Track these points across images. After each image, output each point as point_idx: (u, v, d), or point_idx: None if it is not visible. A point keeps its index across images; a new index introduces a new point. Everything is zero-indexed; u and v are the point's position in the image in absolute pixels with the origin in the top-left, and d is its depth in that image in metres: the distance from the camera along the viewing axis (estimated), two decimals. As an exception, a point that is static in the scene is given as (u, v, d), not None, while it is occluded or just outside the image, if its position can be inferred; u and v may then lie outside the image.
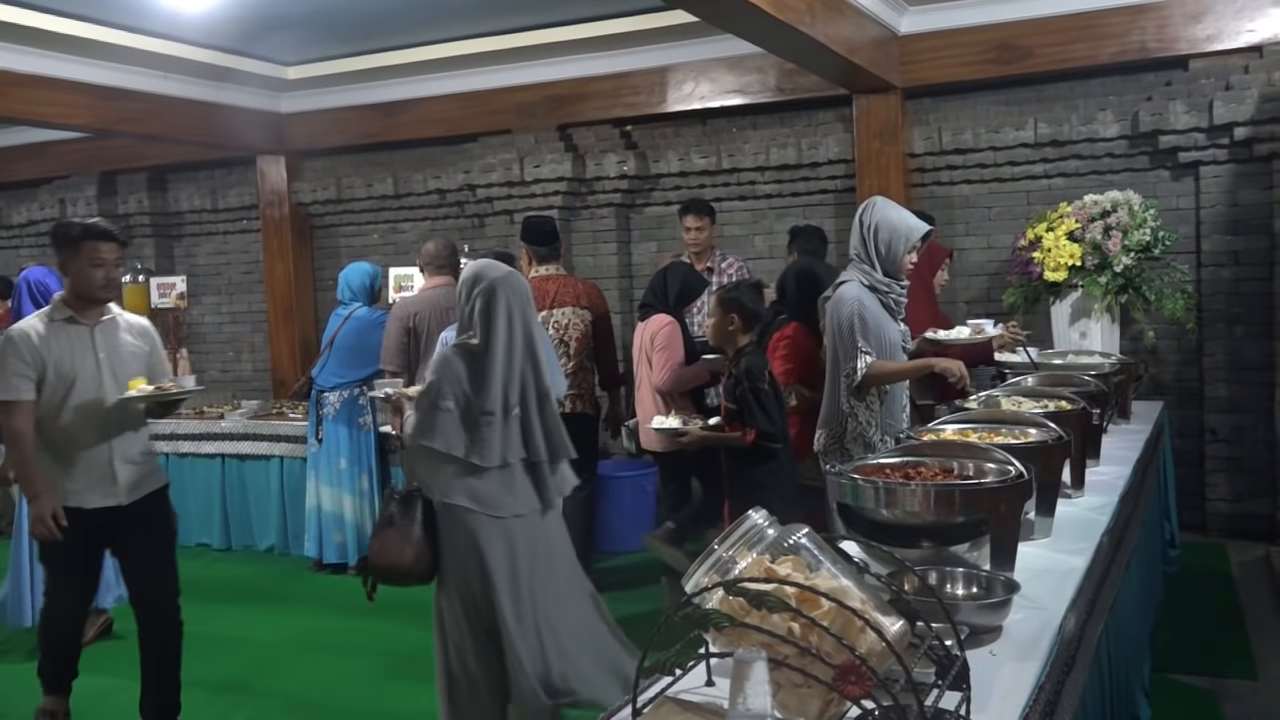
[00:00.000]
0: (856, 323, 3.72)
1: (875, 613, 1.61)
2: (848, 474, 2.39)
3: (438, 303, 5.55)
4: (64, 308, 3.75)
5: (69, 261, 3.68)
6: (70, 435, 3.69)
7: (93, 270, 3.67)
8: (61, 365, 3.66)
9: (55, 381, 3.65)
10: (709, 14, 4.75)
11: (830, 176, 6.80)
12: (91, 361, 3.73)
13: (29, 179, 9.33)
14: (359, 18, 6.16)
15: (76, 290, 3.72)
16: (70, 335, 3.71)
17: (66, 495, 3.68)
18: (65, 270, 3.71)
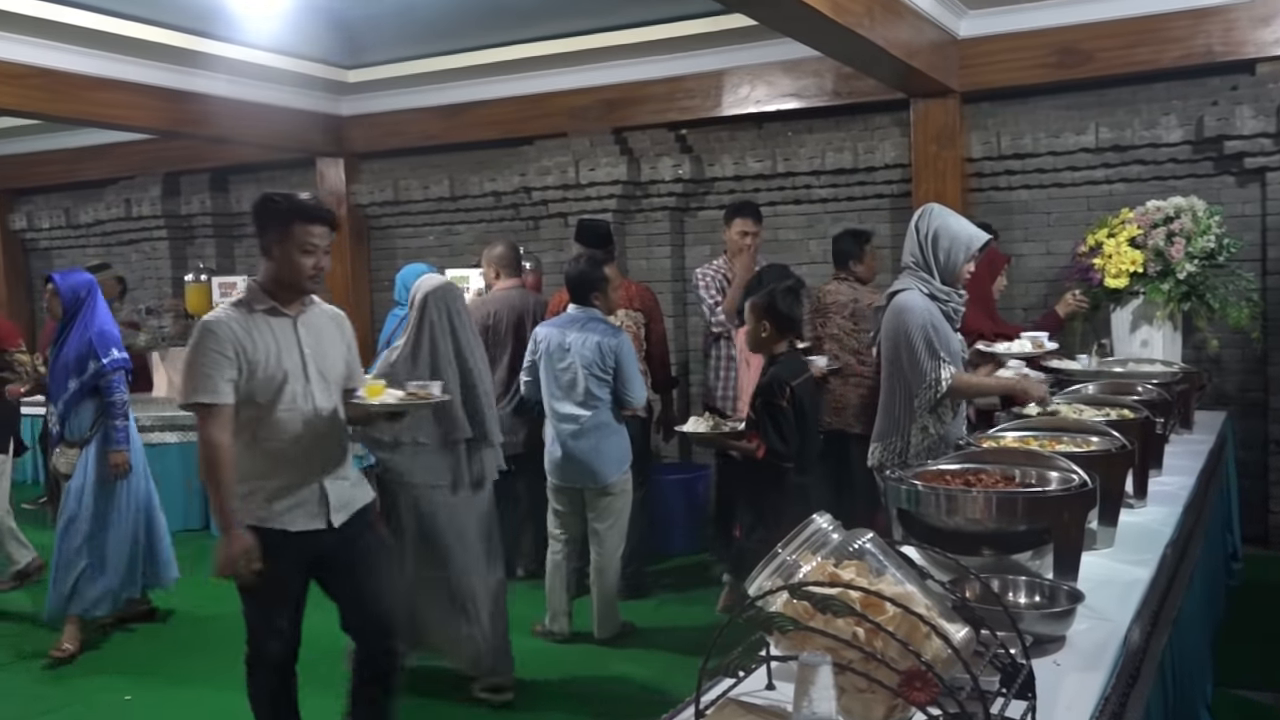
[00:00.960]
0: (931, 333, 3.65)
1: (940, 619, 1.60)
2: (908, 480, 2.38)
3: (513, 303, 5.63)
4: (264, 296, 3.19)
5: (274, 244, 3.15)
6: (274, 447, 3.16)
7: (302, 257, 3.13)
8: (267, 363, 3.13)
9: (259, 383, 3.12)
10: (767, 17, 4.75)
11: (886, 181, 6.76)
12: (297, 359, 3.20)
13: (96, 179, 9.55)
14: (419, 22, 6.23)
15: (280, 277, 3.18)
16: (273, 328, 3.18)
17: (268, 516, 3.16)
18: (268, 253, 3.18)
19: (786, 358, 4.18)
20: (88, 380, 4.95)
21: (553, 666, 4.72)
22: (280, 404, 3.14)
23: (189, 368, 3.11)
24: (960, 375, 3.69)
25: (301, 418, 3.18)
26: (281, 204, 3.18)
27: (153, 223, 9.33)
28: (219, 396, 3.07)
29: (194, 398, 3.09)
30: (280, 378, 3.14)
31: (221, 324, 3.11)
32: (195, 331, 3.14)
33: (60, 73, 6.31)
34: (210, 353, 3.08)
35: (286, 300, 3.20)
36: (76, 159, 9.38)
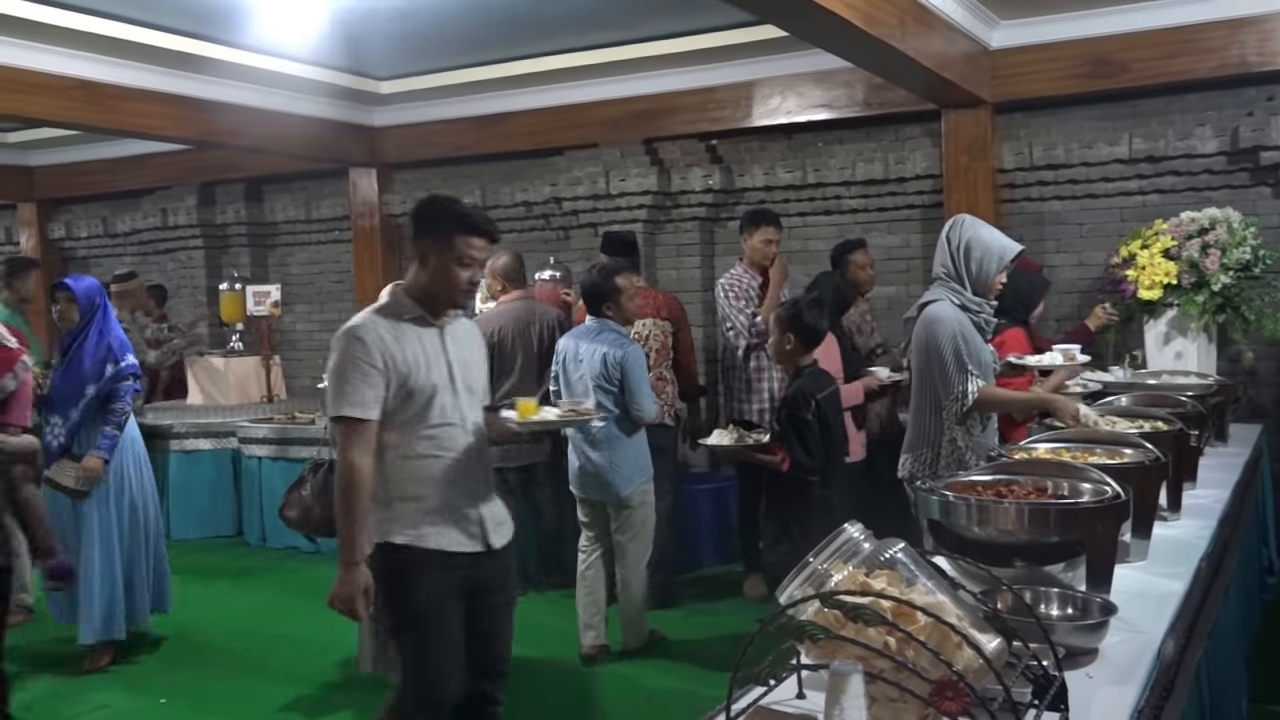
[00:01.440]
0: (960, 344, 3.64)
1: (972, 629, 1.60)
2: (939, 490, 2.38)
3: (519, 316, 5.62)
4: (412, 304, 3.00)
5: (430, 252, 2.96)
6: (426, 463, 2.96)
7: (460, 269, 2.96)
8: (417, 374, 2.93)
9: (409, 394, 2.92)
10: (798, 29, 4.75)
11: (918, 192, 6.75)
12: (445, 372, 3.00)
13: (133, 189, 9.68)
14: (451, 34, 6.28)
15: (431, 287, 2.99)
16: (421, 338, 2.99)
17: (425, 535, 2.95)
18: (422, 261, 2.98)
19: (812, 370, 4.17)
20: (104, 385, 4.84)
21: (580, 677, 4.73)
22: (431, 418, 2.95)
23: (337, 377, 2.90)
24: (988, 388, 3.66)
25: (453, 433, 2.99)
26: (446, 211, 2.99)
27: (188, 232, 9.45)
28: (366, 411, 2.87)
29: (342, 410, 2.88)
30: (430, 390, 2.94)
31: (370, 332, 2.91)
32: (341, 339, 2.94)
33: (99, 84, 6.41)
34: (359, 363, 2.87)
35: (434, 310, 3.02)
36: (114, 169, 9.52)
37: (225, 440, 7.47)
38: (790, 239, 7.07)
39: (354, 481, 2.85)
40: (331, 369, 2.93)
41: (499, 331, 5.57)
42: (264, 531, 7.20)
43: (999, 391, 3.75)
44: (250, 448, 7.28)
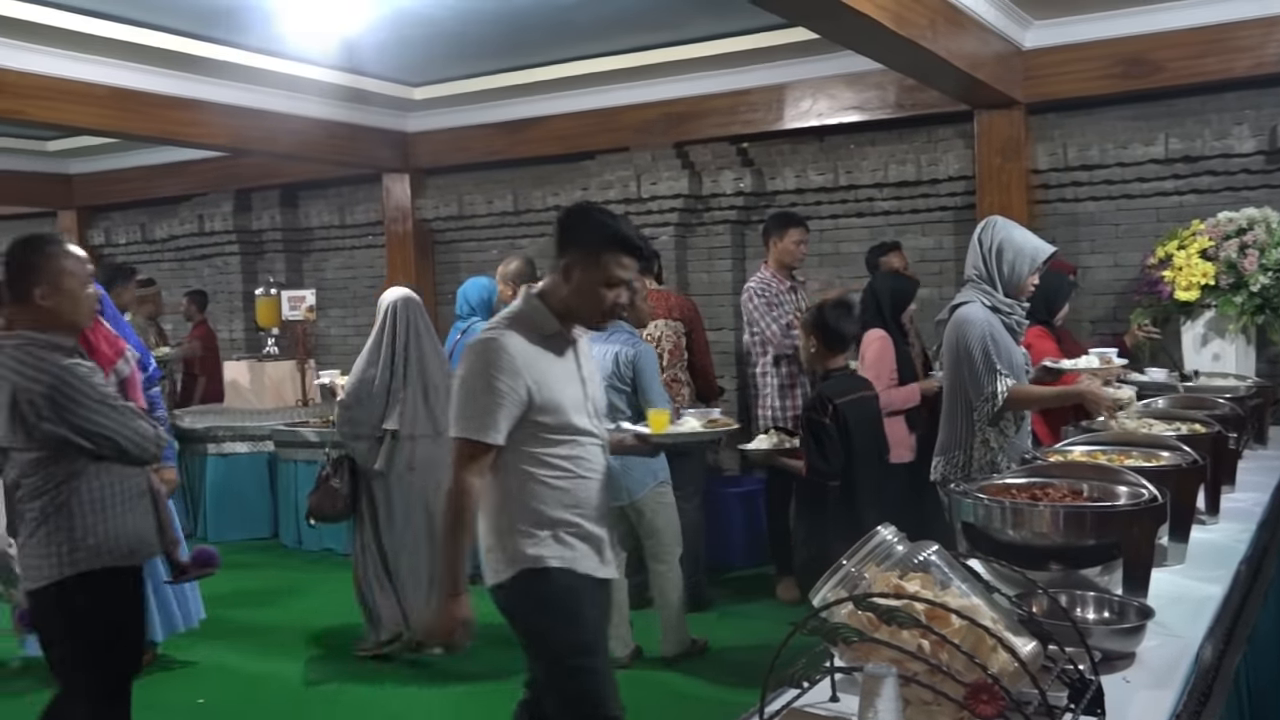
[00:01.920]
0: (990, 345, 3.62)
1: (1007, 632, 1.60)
2: (973, 493, 2.37)
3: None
4: (552, 319, 2.78)
5: (575, 266, 2.75)
6: (564, 485, 2.78)
7: (605, 291, 2.76)
8: (554, 392, 2.74)
9: (548, 413, 2.73)
10: (830, 31, 4.75)
11: (950, 193, 6.71)
12: (579, 390, 2.83)
13: (170, 196, 9.80)
14: (483, 39, 6.32)
15: (571, 302, 2.77)
16: (560, 355, 2.81)
17: (575, 557, 2.78)
18: (565, 273, 2.77)
19: (837, 374, 4.15)
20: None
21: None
22: (572, 438, 2.77)
23: (470, 393, 2.67)
24: (1018, 387, 3.65)
25: (592, 452, 2.84)
26: (596, 224, 2.76)
27: (225, 238, 9.56)
28: (496, 436, 2.65)
29: (470, 432, 2.65)
30: (570, 410, 2.76)
31: (515, 346, 2.68)
32: (481, 349, 2.70)
33: (137, 92, 6.50)
34: (495, 383, 2.63)
35: (570, 326, 2.82)
36: (152, 176, 9.65)
37: (261, 444, 7.56)
38: (822, 241, 7.06)
39: (466, 506, 2.67)
40: (463, 382, 2.70)
41: None
42: (299, 534, 7.26)
43: (1029, 389, 3.73)
44: (286, 451, 7.35)
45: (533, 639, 2.82)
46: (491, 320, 2.85)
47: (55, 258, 3.05)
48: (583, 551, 2.78)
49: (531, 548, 2.72)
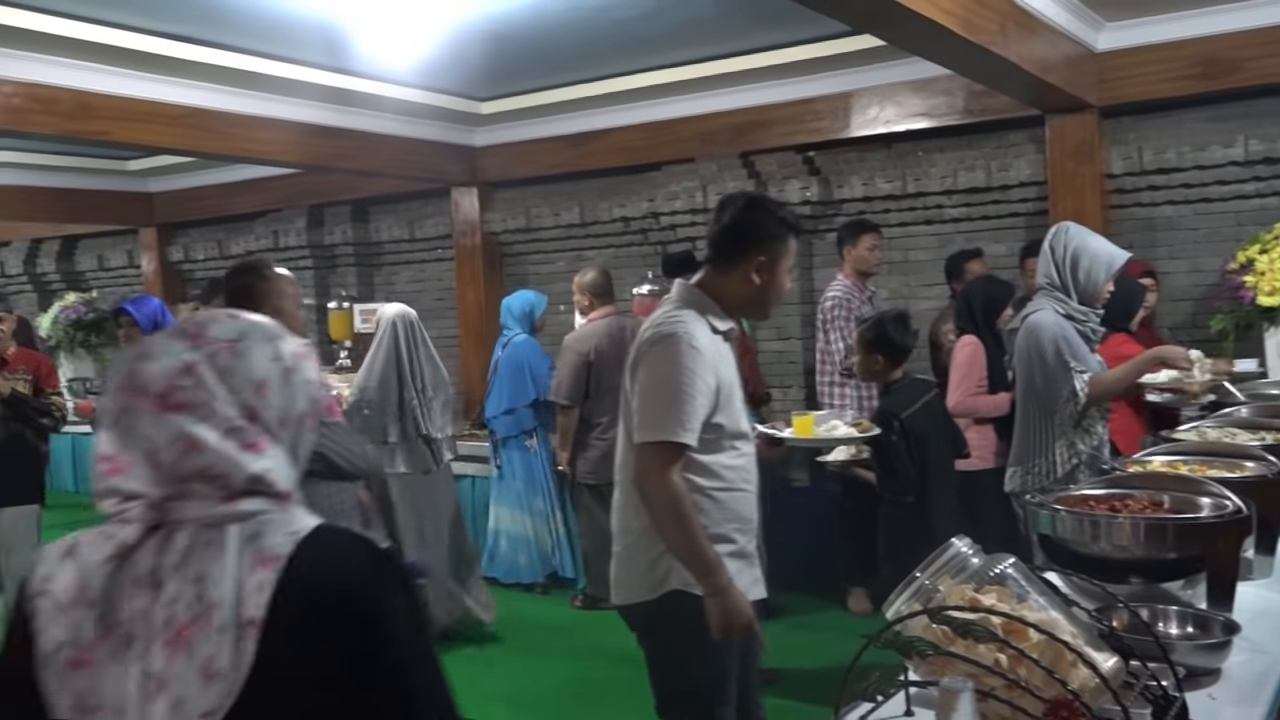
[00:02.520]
0: (1062, 345, 3.57)
1: (1087, 647, 1.57)
2: (1050, 505, 2.33)
3: (613, 333, 5.67)
4: (723, 314, 2.66)
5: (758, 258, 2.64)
6: (730, 497, 2.65)
7: (786, 279, 2.72)
8: (731, 398, 2.62)
9: (725, 417, 2.60)
10: (896, 37, 4.72)
11: (1021, 199, 6.61)
12: (741, 394, 2.71)
13: (245, 213, 10.03)
14: (550, 53, 6.38)
15: (750, 296, 2.67)
16: (724, 352, 2.66)
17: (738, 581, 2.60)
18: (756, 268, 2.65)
19: (899, 387, 4.11)
20: None
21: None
22: (737, 445, 2.64)
23: (671, 395, 2.48)
24: (1096, 377, 3.58)
25: (748, 461, 2.69)
26: (781, 215, 2.67)
27: (298, 253, 9.75)
28: (692, 437, 2.49)
29: (675, 434, 2.47)
30: (738, 411, 2.64)
31: (707, 344, 2.54)
32: (670, 344, 2.52)
33: (215, 112, 6.66)
34: (695, 380, 2.48)
35: (737, 320, 2.74)
36: (229, 194, 9.89)
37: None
38: (891, 249, 6.99)
39: (687, 505, 2.48)
40: (657, 382, 2.52)
41: (596, 349, 5.63)
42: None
43: (1106, 375, 3.65)
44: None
45: (667, 665, 2.68)
46: (663, 313, 2.64)
47: (273, 280, 3.19)
48: (738, 573, 2.60)
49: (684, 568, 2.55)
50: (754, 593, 2.69)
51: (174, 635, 1.20)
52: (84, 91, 6.00)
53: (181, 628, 1.20)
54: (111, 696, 1.20)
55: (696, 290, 2.67)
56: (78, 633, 1.22)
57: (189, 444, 1.25)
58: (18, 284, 12.22)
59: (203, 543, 1.23)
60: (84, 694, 1.21)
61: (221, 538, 1.24)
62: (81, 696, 1.21)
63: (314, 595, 1.23)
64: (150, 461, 1.25)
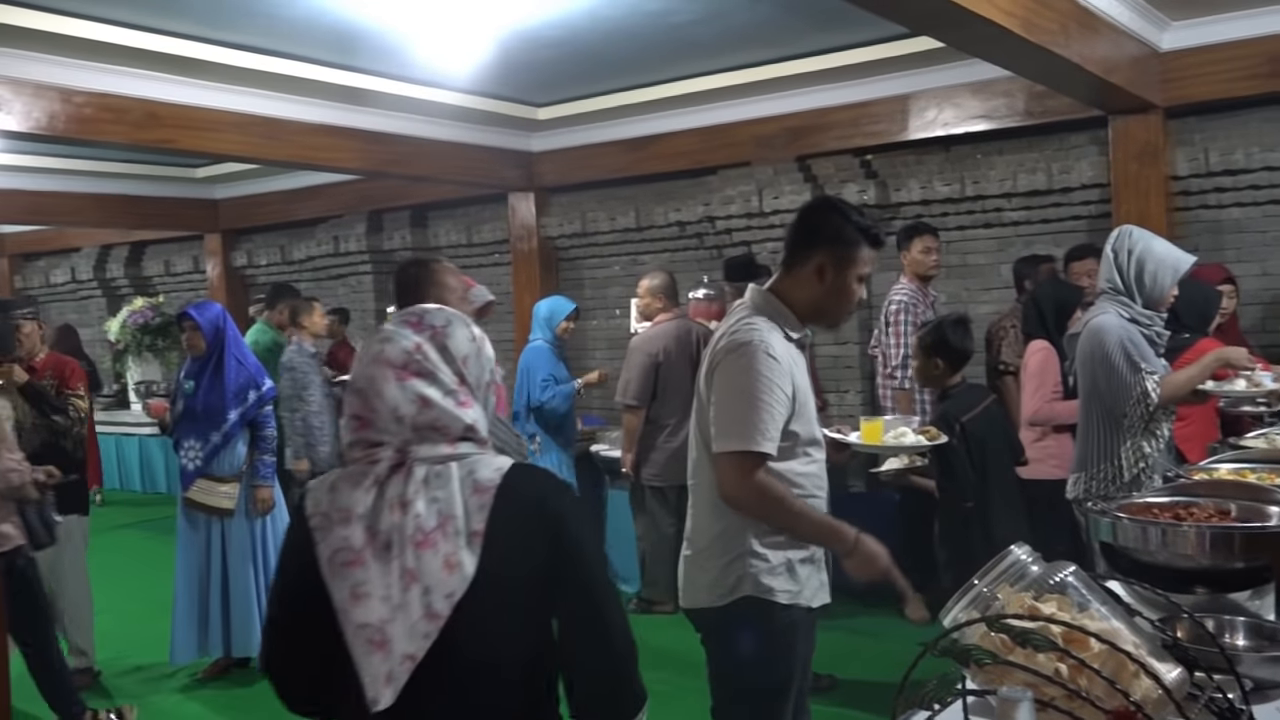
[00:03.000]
0: (1129, 347, 3.50)
1: (1150, 658, 1.54)
2: (1112, 512, 2.29)
3: (679, 335, 5.68)
4: (795, 320, 2.64)
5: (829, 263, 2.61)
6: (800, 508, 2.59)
7: (858, 286, 2.66)
8: (806, 405, 2.59)
9: (799, 428, 2.58)
10: (957, 39, 4.66)
11: (1084, 202, 6.51)
12: (814, 400, 2.68)
13: (308, 218, 10.21)
14: (606, 59, 6.40)
15: (820, 302, 2.64)
16: (799, 359, 2.65)
17: (799, 590, 2.61)
18: (819, 272, 2.62)
19: (958, 392, 4.06)
20: (250, 409, 5.04)
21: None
22: (809, 452, 2.63)
23: (749, 403, 2.48)
24: (1167, 377, 3.52)
25: (821, 469, 2.68)
26: (854, 220, 2.63)
27: (358, 258, 9.89)
28: (771, 445, 2.49)
29: (743, 444, 2.48)
30: (812, 418, 2.63)
31: (782, 352, 2.54)
32: (745, 352, 2.51)
33: (278, 120, 6.78)
34: (772, 387, 2.48)
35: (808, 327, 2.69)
36: (291, 200, 10.06)
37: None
38: (949, 253, 6.92)
39: (778, 492, 2.50)
40: (732, 389, 2.52)
41: (664, 351, 5.64)
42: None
43: (1176, 376, 3.57)
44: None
45: (730, 669, 2.68)
46: (738, 319, 2.62)
47: (437, 274, 3.34)
48: (808, 580, 2.62)
49: (764, 576, 2.56)
50: (820, 598, 2.69)
51: (422, 539, 1.65)
52: (152, 101, 6.14)
53: (427, 534, 1.65)
54: (378, 586, 1.64)
55: (770, 296, 2.66)
56: (349, 541, 1.66)
57: (423, 402, 1.70)
58: (88, 289, 12.54)
59: (434, 475, 1.68)
60: (357, 584, 1.64)
61: (447, 471, 1.69)
62: (355, 587, 1.64)
63: (518, 513, 1.69)
64: (394, 416, 1.70)
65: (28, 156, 8.70)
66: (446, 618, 1.62)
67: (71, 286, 12.69)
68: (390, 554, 1.65)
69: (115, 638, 5.71)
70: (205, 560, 5.08)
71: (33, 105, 5.69)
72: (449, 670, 1.64)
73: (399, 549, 1.64)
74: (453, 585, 1.63)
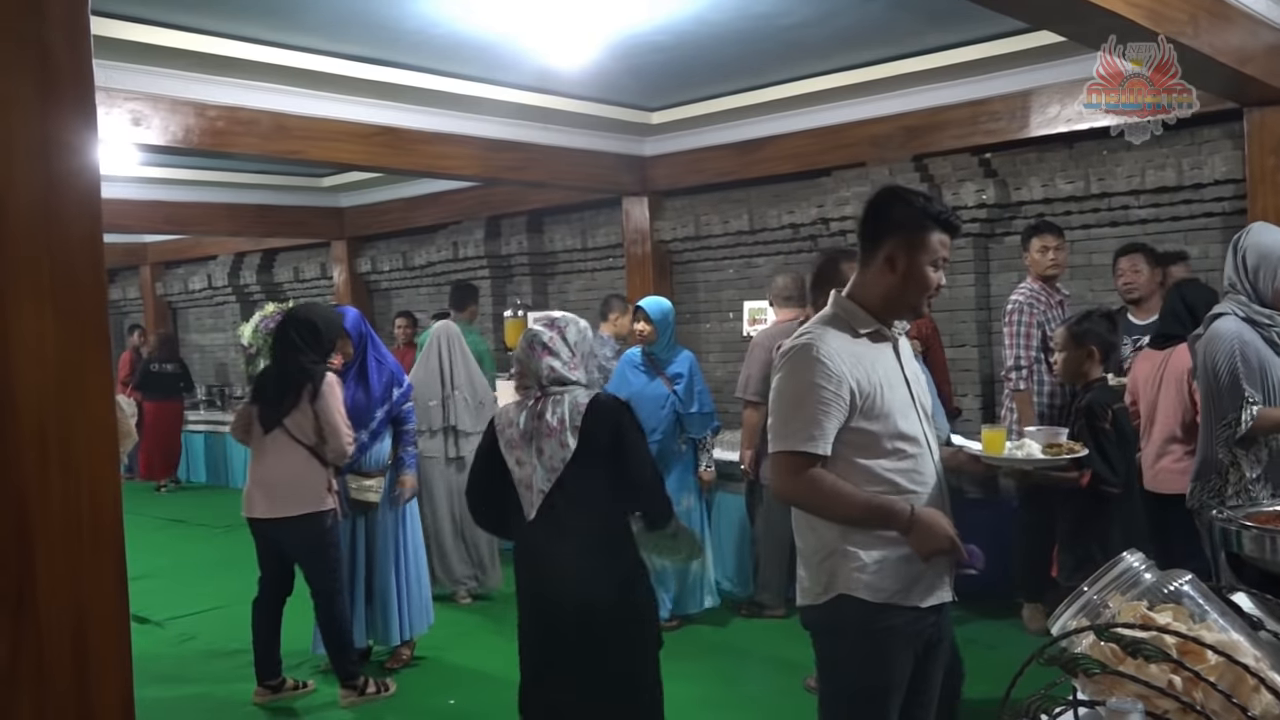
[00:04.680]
0: (1239, 365, 3.34)
1: (1271, 672, 1.48)
2: (1239, 521, 2.20)
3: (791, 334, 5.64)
4: (868, 316, 2.65)
5: (900, 252, 2.61)
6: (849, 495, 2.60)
7: (933, 271, 2.63)
8: (882, 399, 2.58)
9: (876, 422, 2.57)
10: (1079, 33, 4.52)
11: (1216, 199, 6.24)
12: (905, 393, 2.66)
13: (428, 225, 10.47)
14: (717, 62, 6.41)
15: (894, 293, 2.64)
16: (879, 356, 2.65)
17: (899, 590, 2.58)
18: (890, 262, 2.62)
19: (1099, 385, 3.98)
20: (395, 406, 5.26)
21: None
22: (901, 447, 2.60)
23: (793, 405, 2.55)
24: (1265, 410, 3.34)
25: (924, 463, 2.64)
26: (915, 205, 2.62)
27: (477, 263, 10.09)
28: (824, 446, 2.51)
29: (800, 445, 2.52)
30: (897, 415, 2.59)
31: (834, 353, 2.54)
32: (796, 357, 2.58)
33: (400, 129, 6.98)
34: (819, 389, 2.50)
35: (889, 321, 2.68)
36: (412, 207, 10.34)
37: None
38: (1074, 253, 6.71)
39: (825, 484, 2.52)
40: (782, 393, 2.60)
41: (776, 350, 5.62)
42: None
43: (1272, 412, 3.39)
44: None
45: (831, 667, 2.71)
46: (805, 326, 2.71)
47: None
48: (911, 579, 2.57)
49: (855, 574, 2.55)
50: (936, 597, 2.66)
51: (548, 432, 3.36)
52: (280, 113, 6.39)
53: (551, 430, 3.36)
54: (527, 458, 3.39)
55: (841, 298, 2.70)
56: (513, 435, 3.43)
57: (552, 369, 3.44)
58: (223, 295, 13.11)
59: (556, 401, 3.40)
60: (519, 459, 3.41)
61: (563, 398, 3.40)
62: (518, 460, 3.42)
63: (598, 415, 3.37)
64: (536, 376, 3.45)
65: (166, 169, 9.16)
66: (560, 471, 3.33)
67: (208, 293, 13.28)
68: (532, 442, 3.37)
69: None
70: (350, 552, 5.27)
71: (169, 120, 5.98)
72: (563, 499, 3.33)
73: (537, 438, 3.36)
74: (564, 455, 3.33)
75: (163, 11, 5.20)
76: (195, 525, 9.76)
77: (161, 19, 5.29)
